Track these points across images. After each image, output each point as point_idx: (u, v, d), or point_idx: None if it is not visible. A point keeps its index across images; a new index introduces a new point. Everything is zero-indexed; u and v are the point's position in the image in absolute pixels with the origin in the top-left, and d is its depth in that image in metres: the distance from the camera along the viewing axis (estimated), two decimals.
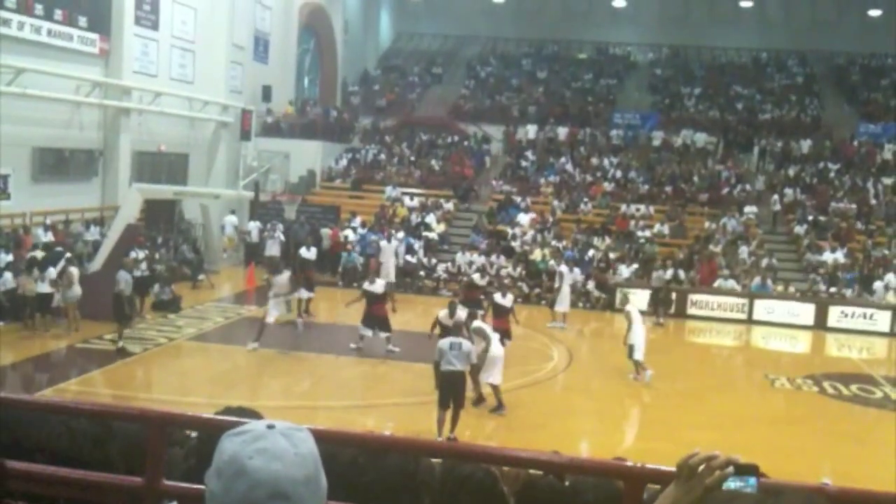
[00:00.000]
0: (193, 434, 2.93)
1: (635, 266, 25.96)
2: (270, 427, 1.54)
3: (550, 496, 2.98)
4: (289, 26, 34.71)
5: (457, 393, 12.15)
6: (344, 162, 34.15)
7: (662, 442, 12.28)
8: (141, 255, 19.92)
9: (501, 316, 16.79)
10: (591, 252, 26.45)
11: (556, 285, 22.15)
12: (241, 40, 30.98)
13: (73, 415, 2.74)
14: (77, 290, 17.26)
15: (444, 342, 12.43)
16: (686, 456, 1.73)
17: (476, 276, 21.46)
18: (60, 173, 22.96)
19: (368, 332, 16.86)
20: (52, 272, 17.76)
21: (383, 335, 16.85)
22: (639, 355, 16.35)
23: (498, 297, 17.50)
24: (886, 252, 26.65)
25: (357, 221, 28.59)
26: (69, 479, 2.31)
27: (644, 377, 16.23)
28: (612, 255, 26.64)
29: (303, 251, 22.08)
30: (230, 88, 30.36)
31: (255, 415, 2.59)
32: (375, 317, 16.87)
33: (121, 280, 16.44)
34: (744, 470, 1.65)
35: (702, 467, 1.70)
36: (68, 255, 18.82)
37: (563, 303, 21.79)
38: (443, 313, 14.94)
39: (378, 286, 17.10)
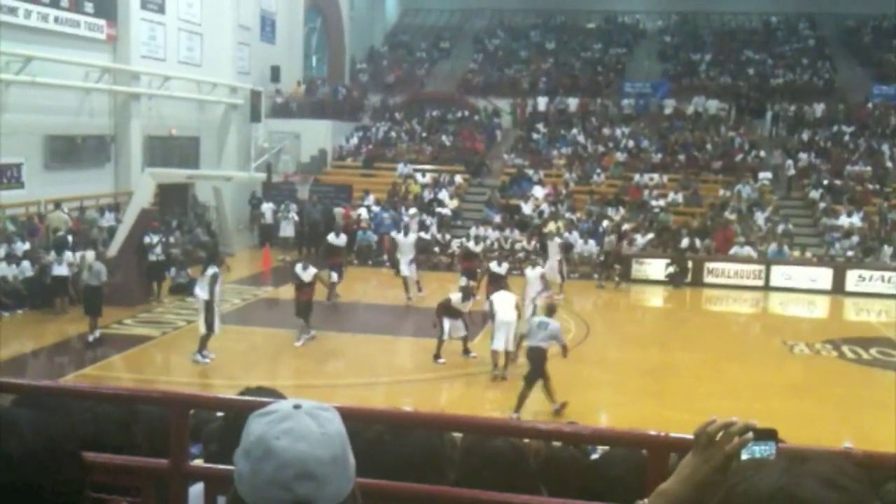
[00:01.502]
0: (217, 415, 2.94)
1: (650, 236, 25.87)
2: (297, 407, 1.53)
3: (575, 469, 2.98)
4: (295, 5, 34.55)
5: (536, 367, 12.43)
6: (354, 140, 34.10)
7: (681, 412, 12.28)
8: (156, 239, 20.02)
9: (497, 284, 17.04)
10: (604, 223, 26.31)
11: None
12: (248, 21, 30.88)
13: (96, 400, 2.75)
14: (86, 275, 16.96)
15: (534, 320, 12.91)
16: (703, 424, 1.70)
17: (471, 245, 21.36)
18: (73, 160, 23.02)
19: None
20: (69, 255, 17.92)
21: (300, 321, 16.40)
22: (498, 345, 14.29)
23: (494, 265, 18.12)
24: None
25: (370, 199, 28.59)
26: (95, 462, 2.32)
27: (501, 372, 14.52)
28: (626, 226, 26.55)
29: (331, 237, 20.93)
30: (238, 70, 30.30)
31: (276, 394, 2.59)
32: (301, 302, 16.37)
33: (96, 272, 16.04)
34: (763, 435, 1.62)
35: (720, 434, 1.67)
36: (69, 237, 18.95)
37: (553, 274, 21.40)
38: (455, 297, 15.01)
39: (308, 274, 16.34)
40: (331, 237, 20.81)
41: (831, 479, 1.21)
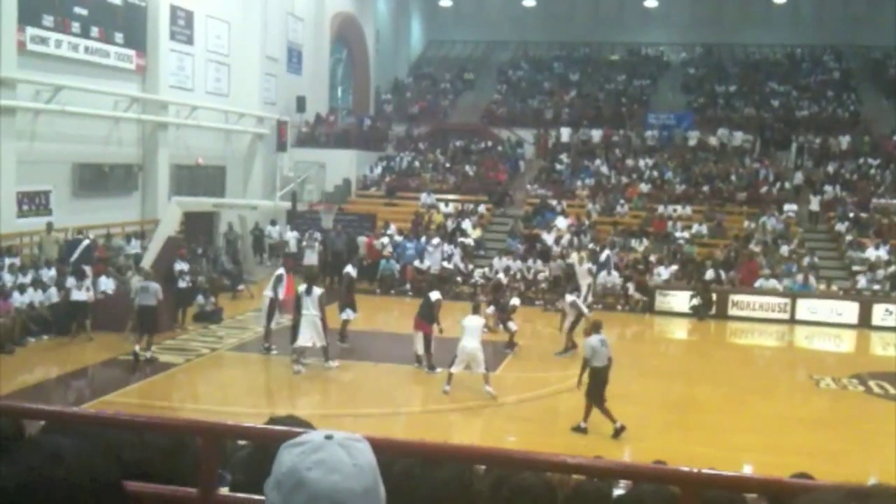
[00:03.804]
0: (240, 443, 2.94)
1: (674, 267, 25.74)
2: (328, 437, 1.53)
3: (602, 503, 2.96)
4: (321, 37, 34.95)
5: (601, 385, 12.96)
6: (378, 170, 34.29)
7: (706, 446, 12.15)
8: (185, 267, 20.17)
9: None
10: (604, 254, 25.59)
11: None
12: (275, 52, 31.26)
13: (121, 428, 2.76)
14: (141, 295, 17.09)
15: (595, 339, 13.17)
16: None
17: (501, 276, 21.36)
18: (100, 188, 23.30)
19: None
20: (88, 282, 18.23)
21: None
22: (480, 368, 14.73)
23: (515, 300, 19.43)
24: None
25: (392, 229, 28.66)
26: (132, 492, 2.33)
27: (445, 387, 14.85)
28: (651, 258, 26.43)
29: (349, 269, 20.43)
30: (265, 100, 30.63)
31: (304, 424, 2.59)
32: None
33: (153, 291, 16.62)
34: None
35: None
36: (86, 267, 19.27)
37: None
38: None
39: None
40: (349, 268, 20.47)
41: None
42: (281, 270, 18.23)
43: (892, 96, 38.06)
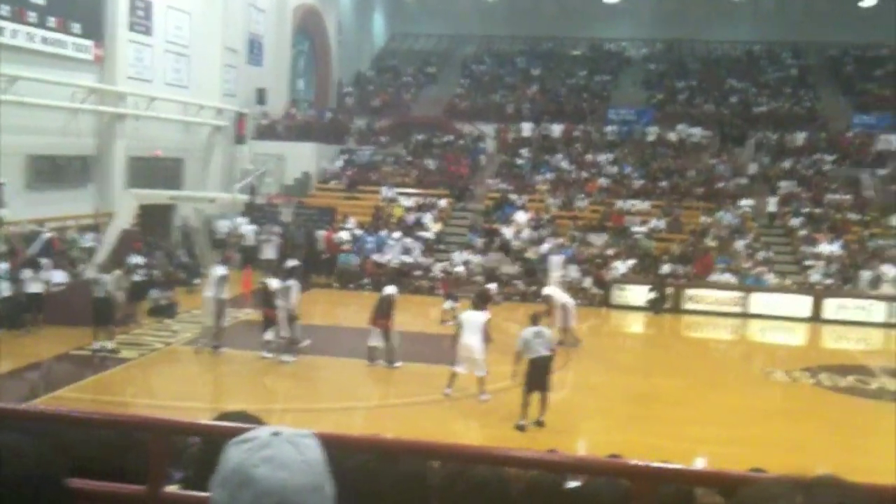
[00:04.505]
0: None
1: (631, 262, 25.97)
2: (276, 434, 1.52)
3: (557, 496, 2.97)
4: (282, 28, 34.66)
5: (543, 377, 12.90)
6: (339, 163, 34.12)
7: (664, 438, 12.29)
8: (140, 260, 19.92)
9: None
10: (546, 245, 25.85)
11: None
12: (235, 43, 30.95)
13: (69, 424, 2.72)
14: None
15: (529, 331, 13.17)
16: None
17: (492, 286, 21.16)
18: (55, 181, 22.90)
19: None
20: (44, 274, 17.97)
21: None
22: (457, 367, 14.44)
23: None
24: (881, 243, 26.68)
25: (352, 223, 28.53)
26: (75, 489, 2.30)
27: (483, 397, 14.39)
28: (609, 252, 26.64)
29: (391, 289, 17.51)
30: (224, 92, 30.32)
31: (254, 420, 2.57)
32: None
33: (103, 283, 16.51)
34: None
35: None
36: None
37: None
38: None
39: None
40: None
41: None
42: (223, 269, 17.29)
43: (849, 93, 38.71)
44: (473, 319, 14.56)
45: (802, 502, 1.22)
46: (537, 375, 12.88)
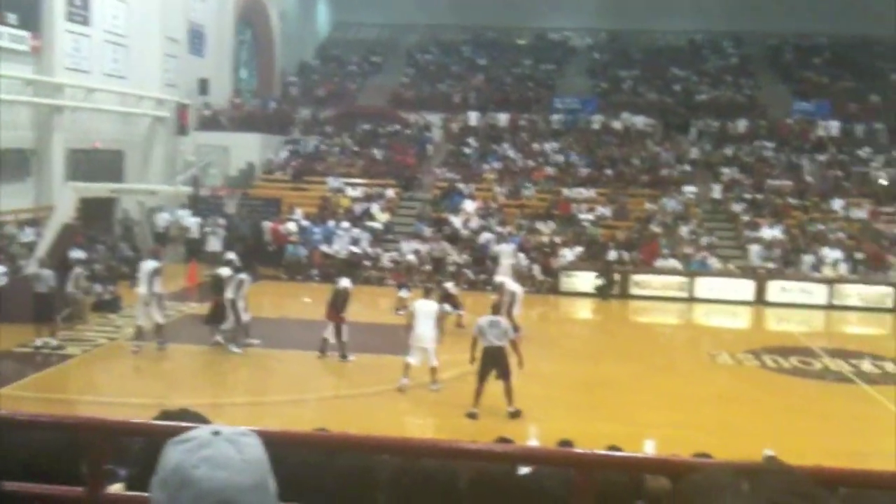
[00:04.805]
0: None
1: (579, 249, 26.19)
2: (216, 433, 1.49)
3: (506, 484, 2.97)
4: (224, 17, 34.19)
5: (499, 367, 12.85)
6: (284, 154, 33.81)
7: (613, 423, 12.42)
8: (81, 255, 19.53)
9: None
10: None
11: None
12: (176, 33, 30.45)
13: (5, 426, 2.64)
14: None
15: (484, 320, 13.19)
16: None
17: (450, 286, 20.97)
18: None
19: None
20: None
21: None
22: (410, 358, 14.32)
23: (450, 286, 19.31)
24: (821, 227, 27.29)
25: (298, 214, 28.31)
26: (7, 492, 2.23)
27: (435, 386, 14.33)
28: (556, 240, 26.83)
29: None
30: (165, 82, 29.83)
31: (196, 417, 2.52)
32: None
33: (46, 278, 16.18)
34: None
35: None
36: None
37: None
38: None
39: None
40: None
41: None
42: (154, 262, 16.47)
43: (788, 81, 39.47)
44: (426, 309, 14.50)
45: (748, 490, 1.22)
46: (489, 364, 12.92)
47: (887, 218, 28.18)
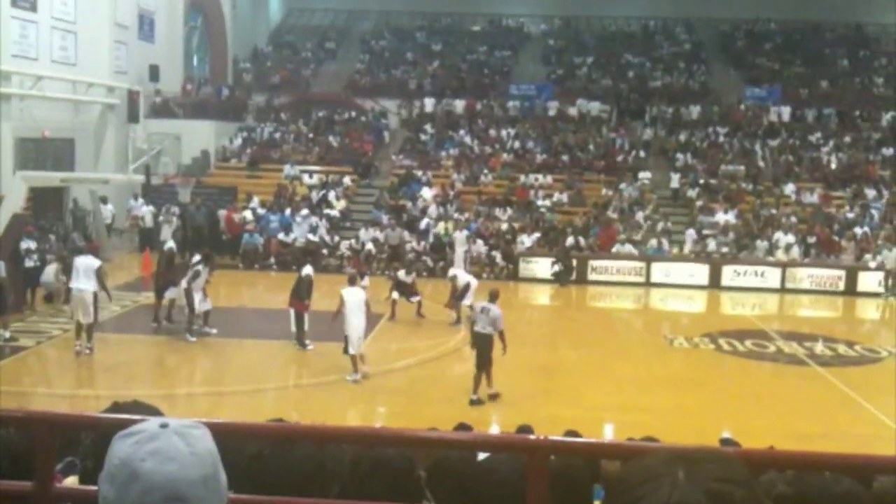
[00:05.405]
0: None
1: (536, 235, 26.29)
2: (164, 426, 1.46)
3: (463, 470, 2.96)
4: (174, 3, 33.65)
5: (479, 354, 13.06)
6: (238, 141, 33.45)
7: (571, 408, 12.51)
8: (32, 245, 19.15)
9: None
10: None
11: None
12: (125, 19, 29.91)
13: None
14: None
15: (477, 305, 13.63)
16: None
17: (402, 273, 20.92)
18: None
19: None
20: None
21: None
22: (352, 349, 13.98)
23: (402, 274, 18.83)
24: (774, 211, 27.70)
25: (255, 202, 28.03)
26: None
27: (354, 376, 14.01)
28: (515, 225, 26.90)
29: (171, 244, 19.87)
30: (115, 69, 29.30)
31: (148, 409, 2.48)
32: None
33: None
34: None
35: None
36: None
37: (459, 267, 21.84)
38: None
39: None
40: (171, 244, 19.68)
41: (720, 492, 1.20)
42: (91, 258, 15.54)
43: (740, 68, 39.94)
44: (355, 298, 14.23)
45: (684, 478, 1.22)
46: (477, 349, 13.17)
47: (838, 202, 28.71)
